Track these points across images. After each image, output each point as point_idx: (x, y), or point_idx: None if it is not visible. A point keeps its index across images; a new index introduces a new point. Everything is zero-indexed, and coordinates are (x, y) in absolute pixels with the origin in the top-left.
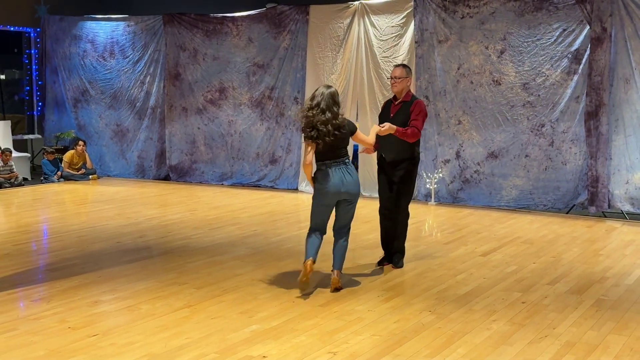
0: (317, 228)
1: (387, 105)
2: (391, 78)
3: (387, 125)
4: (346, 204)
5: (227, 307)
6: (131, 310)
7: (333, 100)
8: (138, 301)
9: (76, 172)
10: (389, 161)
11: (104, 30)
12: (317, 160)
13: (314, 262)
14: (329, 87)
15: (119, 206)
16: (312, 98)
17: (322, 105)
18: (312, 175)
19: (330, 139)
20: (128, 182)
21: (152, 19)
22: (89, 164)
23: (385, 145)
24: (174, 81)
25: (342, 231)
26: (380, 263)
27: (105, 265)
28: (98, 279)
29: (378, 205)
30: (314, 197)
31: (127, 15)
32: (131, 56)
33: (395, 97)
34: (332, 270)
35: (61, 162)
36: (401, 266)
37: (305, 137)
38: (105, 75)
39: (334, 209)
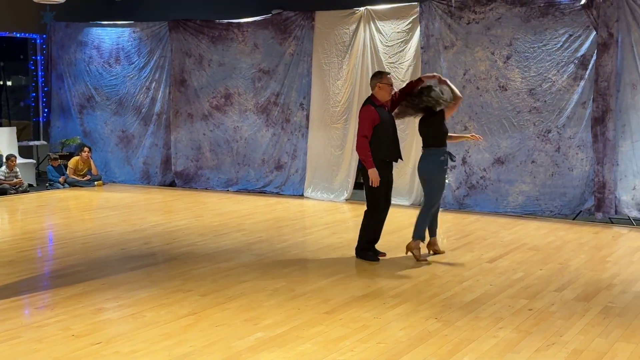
0: None
1: (381, 109)
2: (391, 85)
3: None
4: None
5: (232, 315)
6: (135, 317)
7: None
8: (142, 309)
9: (81, 179)
10: (392, 161)
11: (110, 36)
12: None
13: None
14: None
15: (124, 212)
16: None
17: None
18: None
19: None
20: (133, 189)
21: (158, 25)
22: (94, 170)
23: (395, 145)
24: (180, 87)
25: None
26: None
27: (109, 273)
28: (102, 286)
29: (391, 211)
30: None
31: (132, 22)
32: (137, 62)
33: (381, 103)
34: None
35: (66, 168)
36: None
37: None
38: (110, 82)
39: None
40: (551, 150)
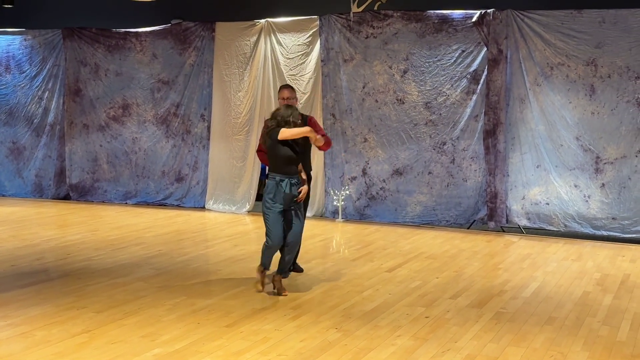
0: None
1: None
2: (284, 99)
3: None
4: None
5: (129, 331)
6: (25, 337)
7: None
8: (33, 327)
9: None
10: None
11: None
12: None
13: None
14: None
15: (14, 227)
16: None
17: None
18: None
19: None
20: (25, 202)
21: (51, 33)
22: None
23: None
24: (75, 97)
25: None
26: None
27: None
28: None
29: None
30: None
31: (23, 29)
32: (28, 71)
33: None
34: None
35: None
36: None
37: None
38: (0, 91)
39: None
40: (446, 161)
